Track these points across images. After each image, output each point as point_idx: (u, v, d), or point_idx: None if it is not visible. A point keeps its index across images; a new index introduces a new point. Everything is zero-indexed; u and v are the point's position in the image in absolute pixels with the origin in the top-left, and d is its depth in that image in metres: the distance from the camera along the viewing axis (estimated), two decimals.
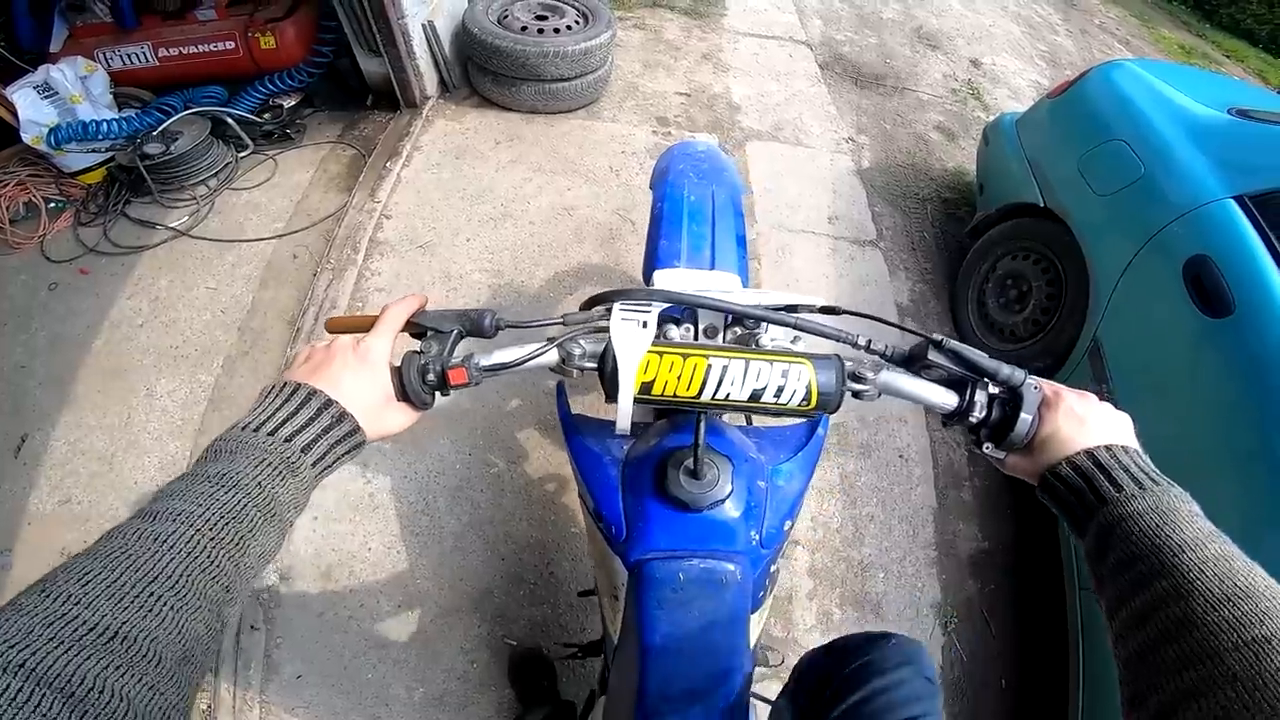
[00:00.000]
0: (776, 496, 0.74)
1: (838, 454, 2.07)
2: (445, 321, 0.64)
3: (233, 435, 0.48)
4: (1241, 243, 1.62)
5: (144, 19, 2.67)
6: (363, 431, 0.54)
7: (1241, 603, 0.41)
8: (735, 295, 0.74)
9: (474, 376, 0.61)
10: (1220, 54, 6.28)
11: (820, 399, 0.61)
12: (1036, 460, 0.60)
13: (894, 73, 4.05)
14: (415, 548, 1.72)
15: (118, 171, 2.56)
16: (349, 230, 2.44)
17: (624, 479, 0.73)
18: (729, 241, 1.13)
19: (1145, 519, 0.50)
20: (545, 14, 3.00)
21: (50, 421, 1.90)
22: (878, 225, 2.86)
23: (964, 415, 0.63)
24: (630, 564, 0.69)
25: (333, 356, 0.56)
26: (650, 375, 0.61)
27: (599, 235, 2.53)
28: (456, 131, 2.92)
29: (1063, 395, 0.62)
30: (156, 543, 0.39)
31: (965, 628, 1.83)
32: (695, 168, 1.30)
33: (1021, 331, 2.28)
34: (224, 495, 0.44)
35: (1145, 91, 2.17)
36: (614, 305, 0.66)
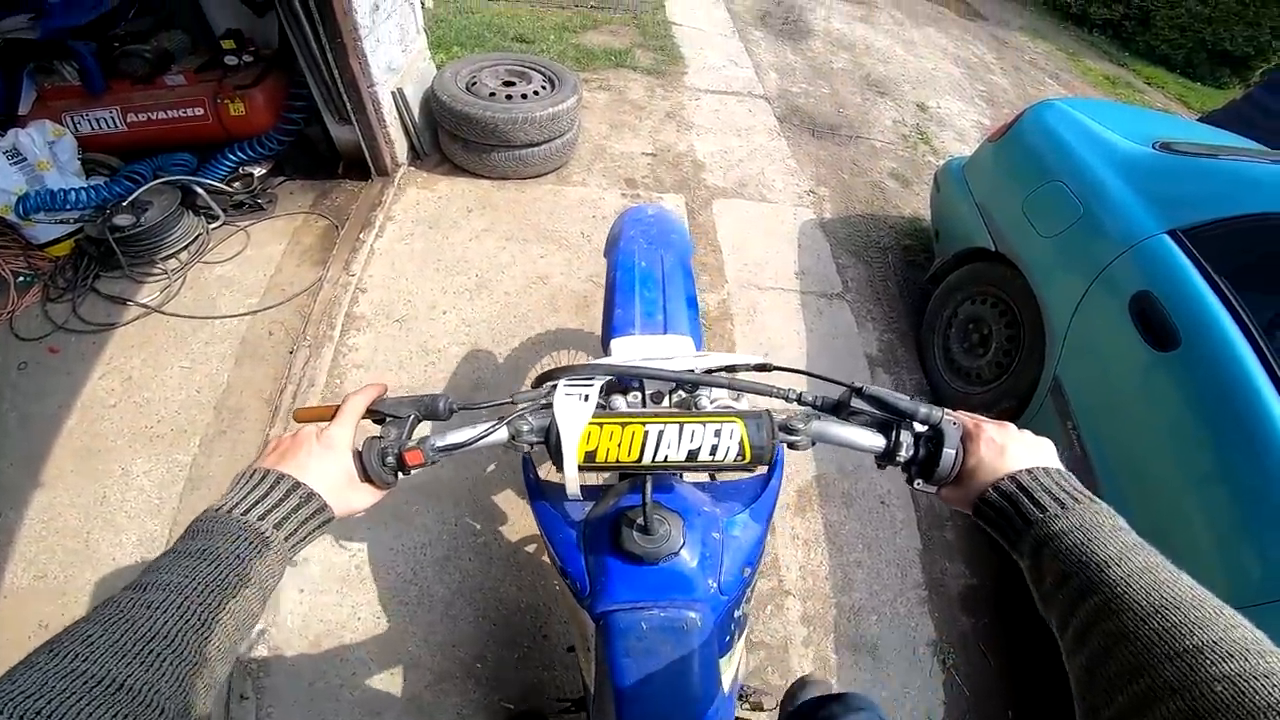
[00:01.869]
0: (733, 546, 0.79)
1: (820, 505, 2.12)
2: (402, 408, 0.68)
3: (210, 516, 0.53)
4: (1181, 277, 1.69)
5: (112, 83, 2.65)
6: (330, 509, 0.59)
7: (1170, 613, 0.43)
8: (677, 361, 0.80)
9: (430, 457, 0.65)
10: (1142, 82, 6.68)
11: (754, 452, 0.65)
12: (967, 490, 0.64)
13: (848, 121, 4.23)
14: (404, 616, 1.71)
15: (87, 244, 2.50)
16: (324, 305, 2.44)
17: (585, 538, 0.78)
18: (679, 304, 1.18)
19: (1070, 537, 0.52)
20: (512, 80, 3.06)
21: (23, 500, 1.87)
22: (843, 277, 2.97)
23: (892, 455, 0.67)
24: (595, 616, 0.73)
25: (298, 445, 0.61)
26: (593, 445, 0.65)
27: (573, 303, 2.57)
28: (429, 200, 2.95)
29: (983, 427, 0.65)
30: (150, 609, 0.44)
31: (964, 663, 1.86)
32: (645, 233, 1.35)
33: (987, 374, 2.34)
34: (206, 568, 0.48)
35: (1075, 130, 2.24)
36: (559, 382, 0.71)
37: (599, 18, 4.93)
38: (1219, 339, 1.56)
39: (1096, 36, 7.78)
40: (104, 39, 2.56)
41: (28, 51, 2.55)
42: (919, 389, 2.55)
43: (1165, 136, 2.16)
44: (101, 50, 2.56)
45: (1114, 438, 1.77)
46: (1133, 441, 1.72)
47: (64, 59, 2.58)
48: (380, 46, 2.66)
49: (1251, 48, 6.94)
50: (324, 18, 2.38)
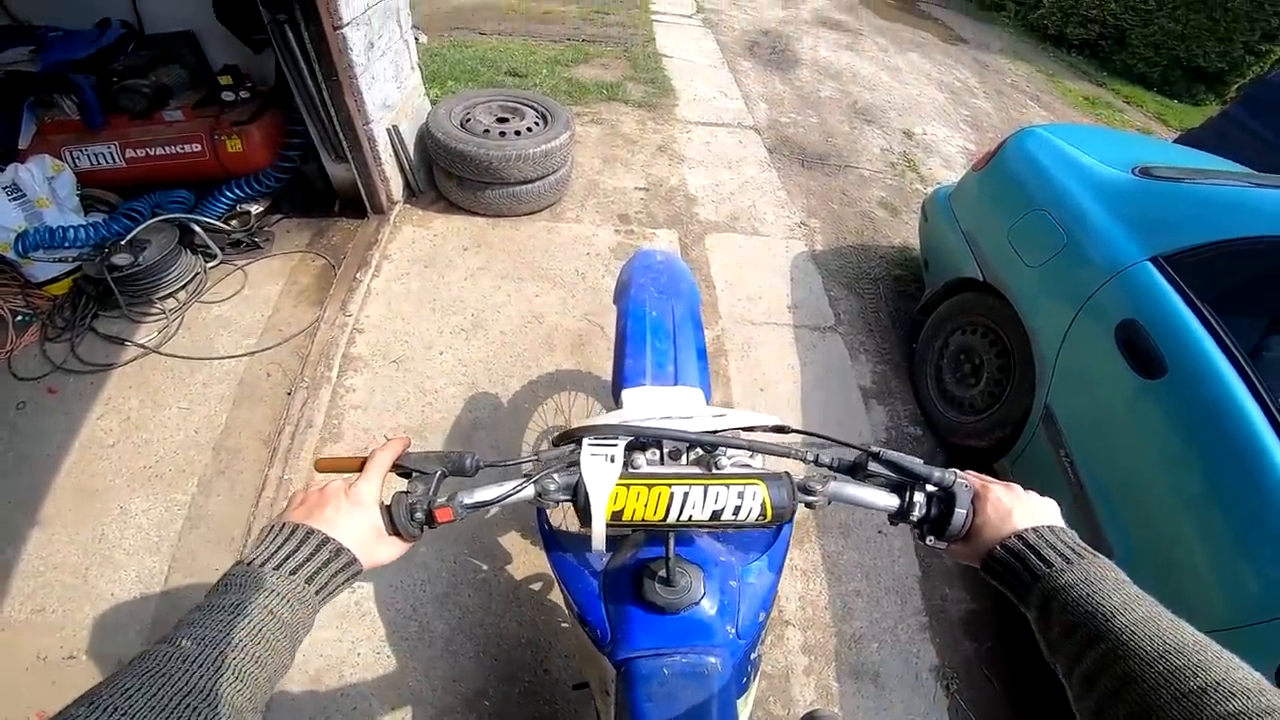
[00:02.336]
0: (749, 593, 0.82)
1: (819, 536, 2.13)
2: (429, 463, 0.70)
3: (241, 570, 0.54)
4: (1165, 304, 1.71)
5: (111, 118, 2.66)
6: (359, 562, 0.61)
7: (1174, 657, 0.46)
8: (697, 420, 0.82)
9: (459, 514, 0.67)
10: (1121, 101, 6.79)
11: (775, 513, 0.68)
12: (975, 547, 0.67)
13: (836, 151, 4.30)
14: (405, 651, 1.71)
15: (85, 283, 2.50)
16: (322, 346, 2.44)
17: (605, 587, 0.80)
18: (690, 355, 1.20)
19: (1077, 589, 0.55)
20: (506, 116, 3.09)
21: (21, 537, 1.87)
22: (835, 309, 3.00)
23: (905, 515, 0.70)
24: (617, 662, 0.75)
25: (326, 500, 0.62)
26: (620, 505, 0.67)
27: (569, 342, 2.59)
28: (424, 238, 2.98)
29: (990, 487, 0.69)
30: (186, 662, 0.45)
31: (968, 688, 1.87)
32: (655, 281, 1.37)
33: (979, 404, 2.35)
34: (241, 622, 0.50)
35: (1056, 158, 2.26)
36: (585, 440, 0.72)
37: (591, 51, 5.01)
38: (1205, 365, 1.58)
39: (1075, 57, 7.93)
40: (103, 73, 2.58)
41: (28, 85, 2.57)
42: (912, 419, 2.58)
43: (1145, 161, 2.17)
44: (101, 84, 2.58)
45: (1107, 465, 1.78)
46: (1126, 468, 1.73)
47: (64, 92, 2.60)
48: (375, 84, 2.70)
49: (1225, 63, 7.04)
50: (319, 55, 2.41)
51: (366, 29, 2.57)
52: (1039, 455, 2.00)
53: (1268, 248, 1.67)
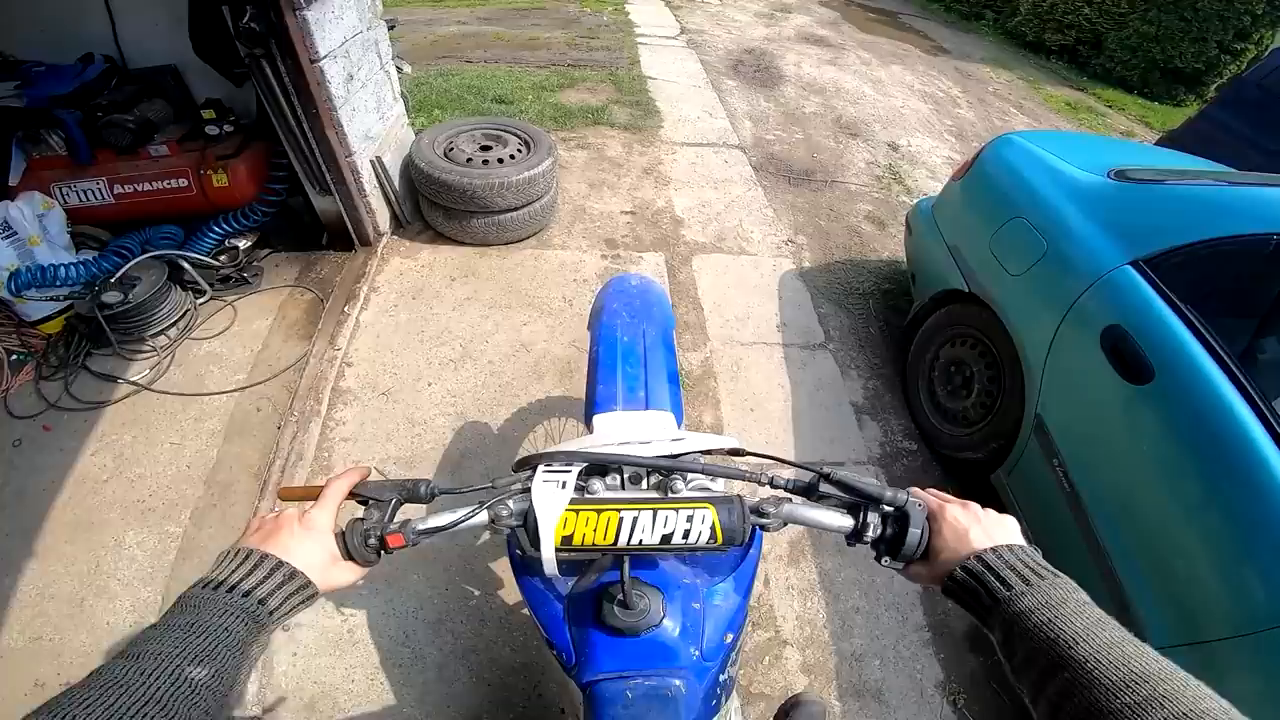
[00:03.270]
0: (714, 614, 0.82)
1: (814, 555, 2.12)
2: (385, 491, 0.72)
3: (196, 592, 0.56)
4: (1148, 308, 1.69)
5: (99, 153, 2.67)
6: (314, 585, 0.63)
7: (1140, 687, 0.45)
8: (654, 445, 0.83)
9: (411, 540, 0.69)
10: (1103, 105, 6.82)
11: (726, 535, 0.68)
12: (934, 568, 0.66)
13: (822, 166, 4.33)
14: (399, 678, 1.71)
15: (77, 322, 2.54)
16: (311, 380, 2.45)
17: (569, 611, 0.81)
18: (661, 380, 1.21)
19: (1037, 615, 0.54)
20: (489, 144, 3.11)
21: (17, 568, 1.91)
22: (824, 326, 3.00)
23: (860, 535, 0.70)
24: (582, 685, 0.76)
25: (280, 527, 0.64)
26: (569, 530, 0.68)
27: (557, 370, 2.59)
28: (411, 269, 2.99)
29: (946, 507, 0.69)
30: (144, 675, 0.46)
31: (975, 703, 1.84)
32: (628, 306, 1.38)
33: (973, 416, 2.33)
34: (196, 639, 0.51)
35: (1032, 164, 2.26)
36: (539, 468, 0.74)
37: (576, 75, 5.07)
38: (1192, 368, 1.56)
39: (1054, 63, 8.00)
40: (88, 108, 2.59)
41: (14, 120, 2.59)
42: (906, 434, 2.57)
43: (1120, 164, 2.17)
44: (86, 120, 2.60)
45: (1101, 473, 1.76)
46: (1120, 476, 1.71)
47: (50, 128, 2.62)
48: (357, 115, 2.72)
49: (1201, 64, 7.07)
50: (298, 89, 2.43)
51: (345, 61, 2.59)
52: (1033, 466, 1.99)
53: (1245, 246, 1.67)
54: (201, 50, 2.60)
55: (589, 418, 1.11)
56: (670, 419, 1.06)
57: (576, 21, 6.67)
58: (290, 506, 0.69)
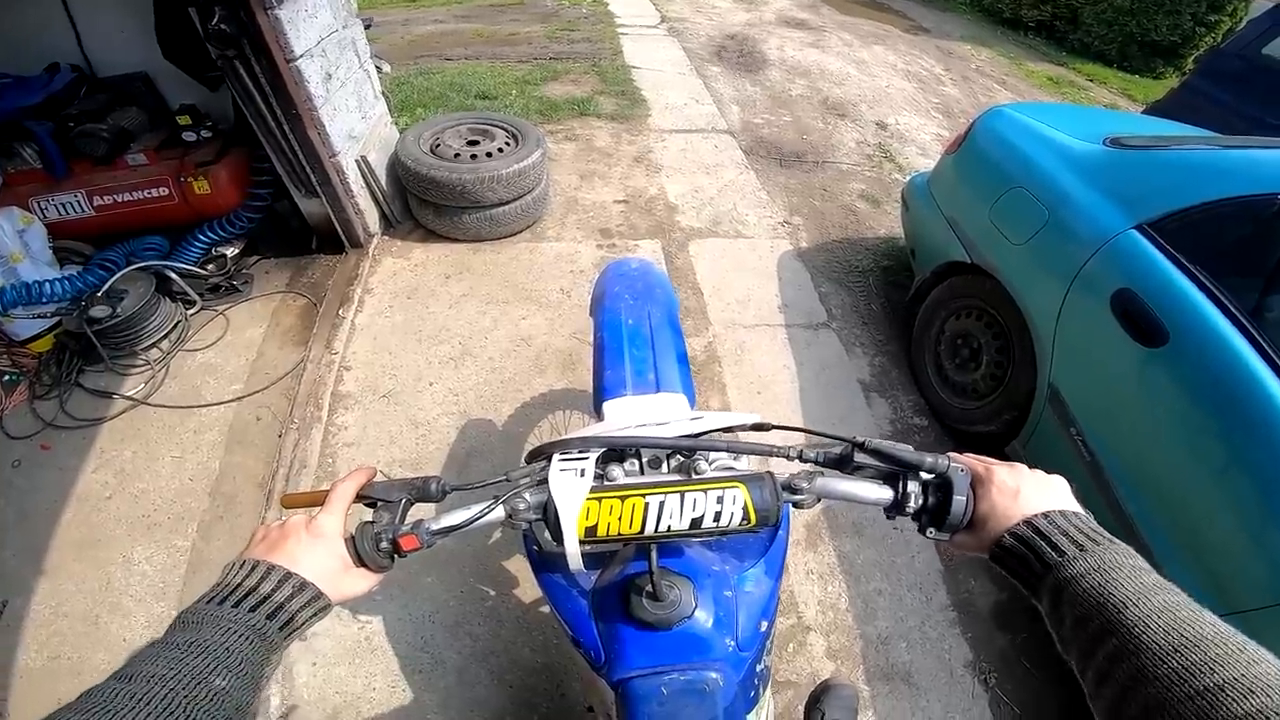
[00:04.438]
0: (747, 602, 0.78)
1: (831, 537, 2.09)
2: (394, 491, 0.68)
3: (199, 608, 0.52)
4: (1156, 270, 1.68)
5: (74, 165, 2.61)
6: (325, 596, 0.59)
7: (1189, 652, 0.43)
8: (673, 426, 0.78)
9: (425, 541, 0.64)
10: (1084, 79, 6.85)
11: (759, 515, 0.64)
12: (981, 536, 0.62)
13: (812, 147, 4.31)
14: (420, 684, 1.69)
15: (67, 339, 2.49)
16: (309, 386, 2.40)
17: (595, 607, 0.77)
18: (670, 361, 1.16)
19: (1089, 579, 0.51)
20: (476, 139, 3.06)
21: (28, 588, 1.88)
22: (826, 305, 2.97)
23: (901, 506, 0.66)
24: (613, 683, 0.72)
25: (286, 535, 0.60)
26: (593, 520, 0.63)
27: (559, 362, 2.55)
28: (405, 269, 2.95)
29: (994, 470, 0.64)
30: (133, 699, 0.43)
31: (1008, 681, 1.81)
32: (630, 289, 1.34)
33: (983, 388, 2.31)
34: (193, 659, 0.47)
35: (1026, 135, 2.26)
36: (554, 456, 0.69)
37: (559, 68, 5.02)
38: (1206, 328, 1.54)
39: (1033, 39, 8.00)
40: (58, 119, 2.53)
41: None
42: (916, 410, 2.55)
43: (1113, 132, 2.17)
44: (58, 131, 2.53)
45: (1120, 440, 1.74)
46: (1140, 442, 1.69)
47: (22, 140, 2.55)
48: (338, 115, 2.66)
49: (1177, 36, 7.08)
50: (275, 89, 2.38)
51: (322, 60, 2.54)
52: (1049, 435, 1.97)
53: (1250, 207, 1.65)
54: (171, 55, 2.54)
55: (598, 405, 1.07)
56: (683, 400, 1.03)
57: (555, 15, 6.61)
58: (295, 514, 0.65)
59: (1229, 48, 4.27)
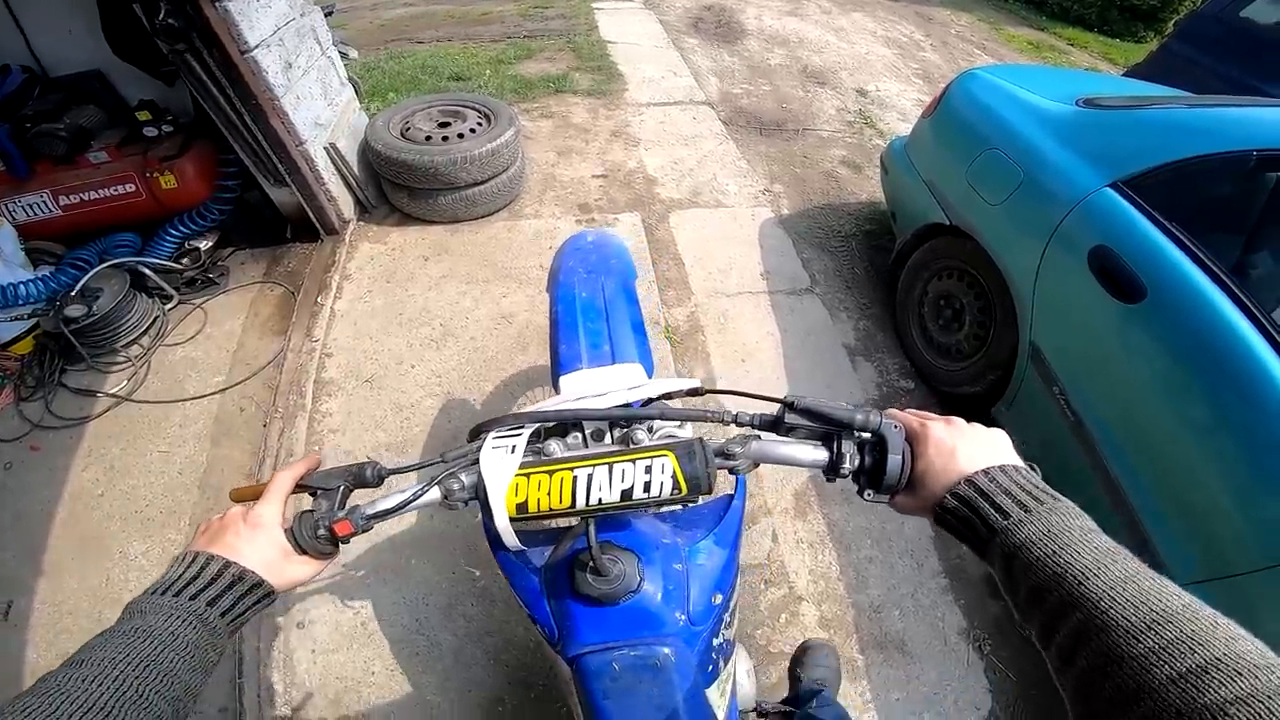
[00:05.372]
0: (699, 574, 0.77)
1: (820, 505, 2.09)
2: (331, 479, 0.68)
3: (145, 599, 0.54)
4: (1132, 227, 1.68)
5: (36, 165, 2.58)
6: (268, 584, 0.60)
7: (1163, 629, 0.40)
8: (610, 396, 0.79)
9: (360, 525, 0.65)
10: (1064, 44, 6.81)
11: (690, 484, 0.62)
12: (922, 497, 0.60)
13: (792, 116, 4.27)
14: (418, 667, 1.70)
15: (45, 339, 2.48)
16: (291, 375, 2.38)
17: (546, 583, 0.77)
18: (625, 331, 1.16)
19: (1041, 546, 0.49)
20: (447, 120, 3.03)
21: (30, 589, 1.89)
22: (809, 271, 2.96)
23: (836, 468, 0.64)
24: (568, 659, 0.72)
25: (225, 527, 0.62)
26: (522, 496, 0.63)
27: (541, 339, 2.53)
28: (382, 253, 2.91)
29: (929, 426, 0.62)
30: (85, 683, 0.45)
31: (1003, 648, 1.81)
32: (584, 262, 1.33)
33: (967, 348, 2.33)
34: (141, 644, 0.49)
35: (1000, 97, 2.27)
36: (489, 435, 0.69)
37: (533, 46, 4.94)
38: (1184, 282, 1.54)
39: (1011, 3, 7.93)
40: (14, 120, 2.49)
41: None
42: (902, 372, 2.54)
43: (1085, 93, 2.18)
44: (15, 132, 2.49)
45: (1102, 397, 1.74)
46: (1122, 399, 1.69)
47: None
48: (302, 103, 2.62)
49: (1157, 0, 7.06)
50: (233, 82, 2.33)
51: (280, 50, 2.48)
52: (1033, 395, 1.98)
53: (1225, 164, 1.66)
54: (122, 52, 2.50)
55: (555, 380, 1.06)
56: (639, 370, 1.03)
57: None
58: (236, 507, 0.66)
59: (1207, 10, 4.26)
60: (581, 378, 1.00)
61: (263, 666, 1.69)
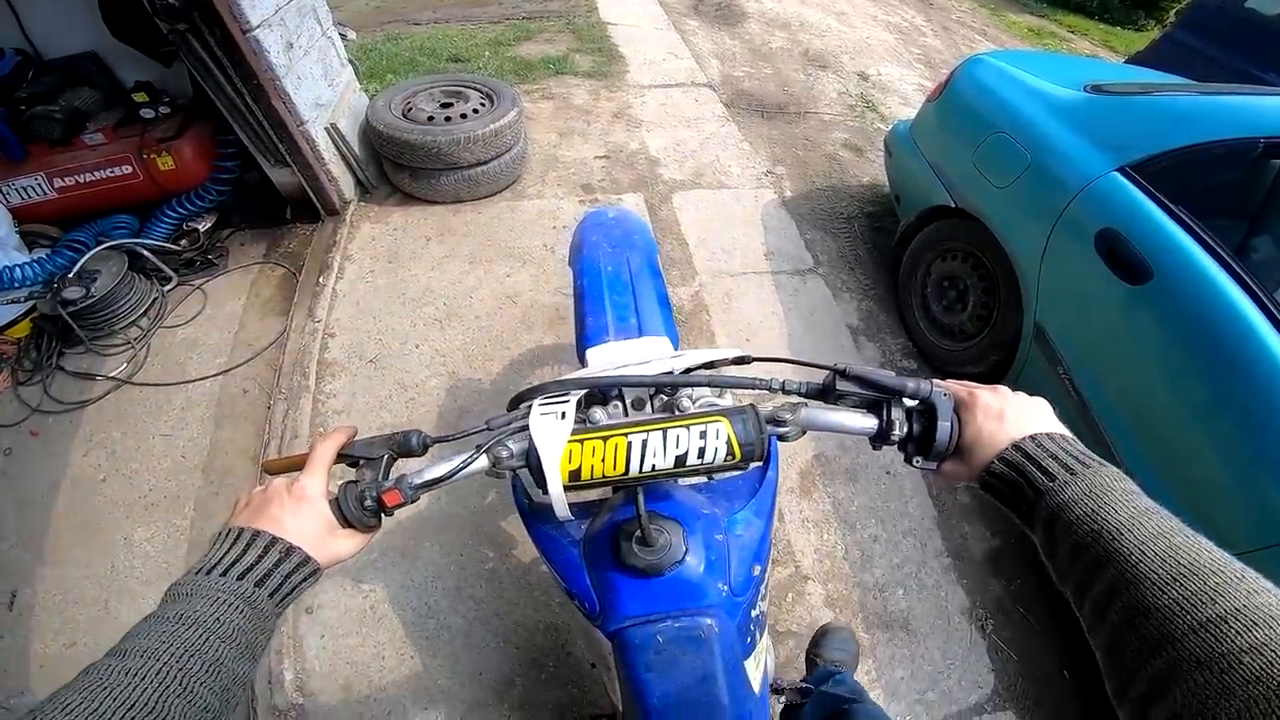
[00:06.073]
0: (738, 545, 0.76)
1: (825, 484, 2.10)
2: (375, 448, 0.66)
3: (189, 580, 0.51)
4: (1140, 211, 1.70)
5: (31, 148, 2.55)
6: (314, 561, 0.57)
7: (1189, 581, 0.41)
8: (653, 364, 0.77)
9: (409, 495, 0.63)
10: (1065, 31, 6.80)
11: (744, 450, 0.62)
12: (970, 464, 0.61)
13: (794, 99, 4.24)
14: (428, 650, 1.70)
15: (43, 322, 2.45)
16: (294, 355, 2.37)
17: (586, 556, 0.75)
18: (652, 304, 1.16)
19: (1081, 505, 0.49)
20: (449, 100, 3.01)
21: (36, 577, 1.87)
22: (813, 252, 2.96)
23: (886, 435, 0.64)
24: (609, 633, 0.71)
25: (269, 500, 0.59)
26: (576, 463, 0.62)
27: (546, 318, 2.53)
28: (384, 233, 2.89)
29: (977, 394, 0.62)
30: (129, 675, 0.43)
31: (1005, 627, 1.83)
32: (607, 236, 1.33)
33: (970, 329, 2.34)
34: (185, 632, 0.47)
35: (1007, 82, 2.28)
36: (534, 402, 0.68)
37: (532, 28, 4.88)
38: (1189, 264, 1.57)
39: None
40: (8, 103, 2.46)
41: None
42: (905, 352, 2.55)
43: (1093, 79, 2.20)
44: (11, 116, 2.47)
45: (1106, 378, 1.77)
46: (1126, 379, 1.71)
47: None
48: (303, 84, 2.59)
49: None
50: (234, 62, 2.31)
51: (282, 29, 2.45)
52: (1037, 375, 1.99)
53: (1232, 150, 1.68)
54: (119, 33, 2.46)
55: (581, 353, 1.06)
56: (666, 343, 1.02)
57: None
58: (278, 479, 0.63)
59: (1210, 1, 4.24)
60: (609, 350, 0.99)
61: (272, 653, 1.67)
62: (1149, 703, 0.39)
